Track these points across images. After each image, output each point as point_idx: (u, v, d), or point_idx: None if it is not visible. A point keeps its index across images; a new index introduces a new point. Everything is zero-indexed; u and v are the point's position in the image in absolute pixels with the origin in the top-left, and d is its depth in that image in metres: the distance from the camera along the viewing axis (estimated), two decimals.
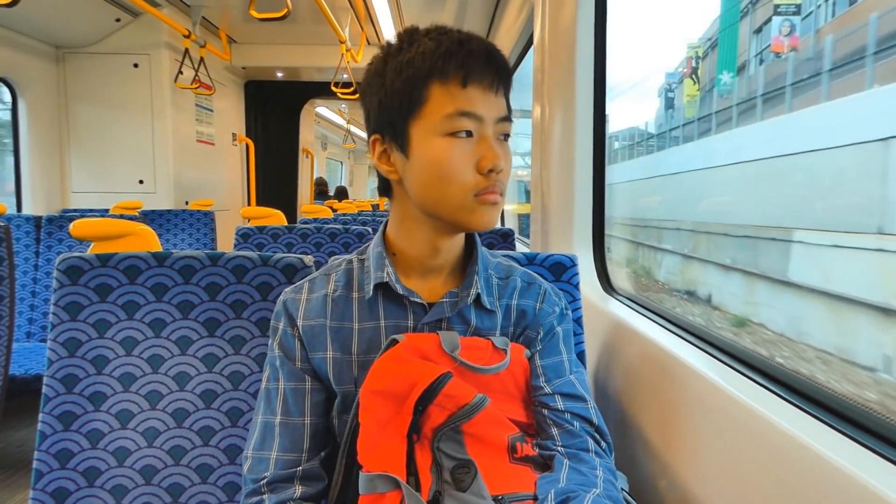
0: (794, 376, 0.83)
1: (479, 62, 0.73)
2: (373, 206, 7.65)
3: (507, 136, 0.78)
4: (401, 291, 0.80)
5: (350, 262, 0.87)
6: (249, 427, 1.04)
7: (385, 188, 0.84)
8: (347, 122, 10.10)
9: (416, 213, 0.79)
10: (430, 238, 0.81)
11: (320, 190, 9.22)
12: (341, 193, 10.27)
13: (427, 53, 0.73)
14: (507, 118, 0.78)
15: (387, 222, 0.87)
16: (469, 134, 0.74)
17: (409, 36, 0.77)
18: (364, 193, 17.58)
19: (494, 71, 0.75)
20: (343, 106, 9.13)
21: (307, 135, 7.13)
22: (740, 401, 0.79)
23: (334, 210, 4.71)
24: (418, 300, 0.80)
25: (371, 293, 0.81)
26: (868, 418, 0.68)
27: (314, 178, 8.81)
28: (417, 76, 0.73)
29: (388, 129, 0.77)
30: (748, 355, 0.94)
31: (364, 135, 12.75)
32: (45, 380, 1.01)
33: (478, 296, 0.82)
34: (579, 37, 1.66)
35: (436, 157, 0.73)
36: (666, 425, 1.00)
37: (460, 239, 0.85)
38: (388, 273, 0.80)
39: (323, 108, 9.06)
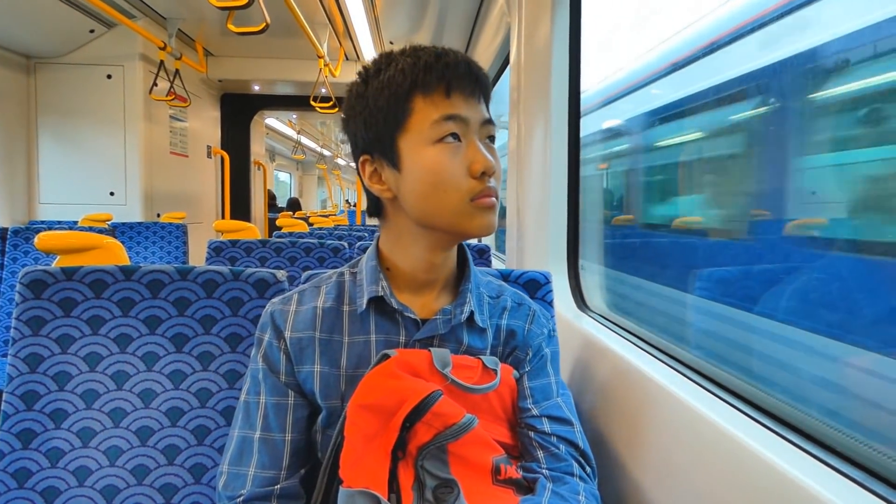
0: (764, 397, 0.84)
1: (458, 72, 0.75)
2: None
3: (492, 138, 0.79)
4: (395, 306, 0.79)
5: (342, 274, 0.86)
6: (216, 445, 1.02)
7: (376, 208, 0.84)
8: (298, 133, 9.94)
9: (412, 229, 0.79)
10: (425, 253, 0.81)
11: (269, 202, 9.11)
12: (294, 205, 10.13)
13: (407, 69, 0.75)
14: (491, 121, 0.79)
15: (379, 237, 0.86)
16: (457, 138, 0.75)
17: (386, 58, 0.79)
18: (314, 205, 17.37)
19: (475, 80, 0.77)
20: (293, 116, 9.04)
21: (257, 147, 7.09)
22: (712, 421, 0.80)
23: (310, 224, 4.67)
24: (412, 316, 0.80)
25: (363, 307, 0.80)
26: (838, 441, 0.69)
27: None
28: (400, 91, 0.74)
29: (376, 148, 0.78)
30: (720, 375, 0.95)
31: (314, 145, 12.53)
32: (3, 396, 0.98)
33: (471, 314, 0.82)
34: (555, 56, 1.68)
35: (428, 165, 0.74)
36: (638, 444, 1.00)
37: (453, 255, 0.85)
38: (382, 287, 0.80)
39: (272, 120, 8.94)
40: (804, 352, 1.10)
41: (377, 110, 0.76)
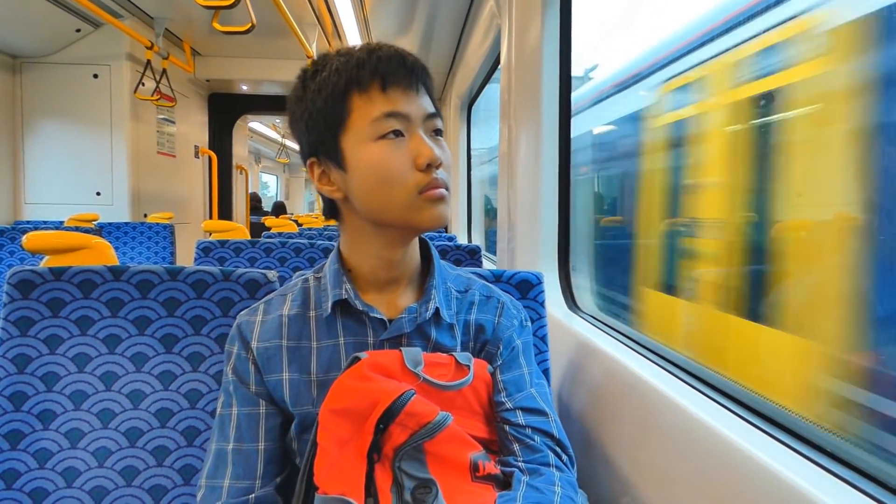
0: (755, 397, 0.84)
1: (392, 65, 0.74)
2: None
3: (439, 131, 0.79)
4: (360, 307, 0.79)
5: (307, 280, 0.86)
6: (206, 446, 1.02)
7: (331, 210, 0.84)
8: (282, 136, 9.82)
9: (366, 228, 0.79)
10: (382, 251, 0.80)
11: (253, 205, 9.02)
12: (279, 208, 10.02)
13: (341, 69, 0.74)
14: (436, 114, 0.78)
15: (339, 240, 0.86)
16: (399, 134, 0.74)
17: (322, 59, 0.78)
18: (301, 207, 17.30)
19: (410, 71, 0.76)
20: (277, 120, 8.98)
21: (240, 150, 7.05)
22: (703, 421, 0.80)
23: (299, 224, 4.66)
24: (378, 316, 0.79)
25: (329, 311, 0.79)
26: (827, 441, 0.69)
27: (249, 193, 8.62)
28: (336, 91, 0.74)
29: (321, 150, 0.77)
30: (710, 376, 0.96)
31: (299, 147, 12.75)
32: None
33: (437, 310, 0.81)
34: (545, 58, 1.69)
35: (372, 162, 0.73)
36: (629, 444, 1.00)
37: (415, 251, 0.85)
38: (346, 290, 0.79)
39: (256, 123, 8.88)
40: None
41: (316, 112, 0.75)
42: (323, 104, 0.75)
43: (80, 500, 0.98)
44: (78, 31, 4.03)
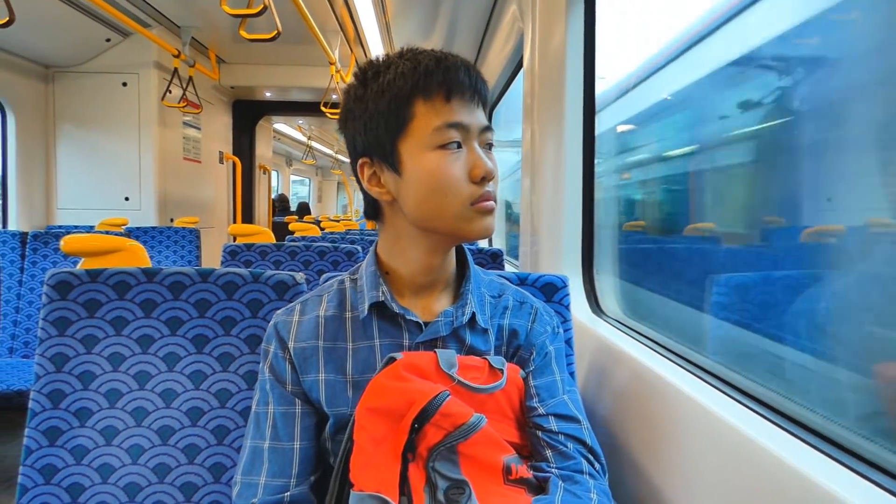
0: (782, 400, 0.83)
1: (458, 76, 0.75)
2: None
3: (490, 145, 0.80)
4: (397, 310, 0.80)
5: (342, 282, 0.87)
6: (235, 445, 1.04)
7: (374, 211, 0.85)
8: (308, 139, 9.84)
9: (411, 231, 0.80)
10: (424, 256, 0.81)
11: (282, 206, 9.06)
12: (303, 210, 10.07)
13: (407, 73, 0.75)
14: (490, 128, 0.79)
15: (377, 242, 0.87)
16: (458, 145, 0.75)
17: (384, 60, 0.79)
18: (334, 209, 17.38)
19: (473, 84, 0.77)
20: (301, 121, 9.01)
21: (264, 151, 7.11)
22: (731, 425, 0.79)
23: (322, 228, 4.71)
24: (414, 319, 0.80)
25: (365, 313, 0.80)
26: (859, 445, 0.68)
27: (274, 194, 8.66)
28: (401, 95, 0.75)
29: (376, 151, 0.78)
30: (737, 379, 0.95)
31: (328, 150, 12.37)
32: (31, 395, 1.00)
33: (472, 315, 0.82)
34: (569, 62, 1.69)
35: (429, 170, 0.74)
36: (655, 448, 1.00)
37: (452, 257, 0.86)
38: (383, 292, 0.80)
39: (282, 125, 8.89)
40: None
41: (377, 114, 0.76)
42: (386, 107, 0.75)
43: (114, 495, 1.00)
44: (108, 40, 4.13)
